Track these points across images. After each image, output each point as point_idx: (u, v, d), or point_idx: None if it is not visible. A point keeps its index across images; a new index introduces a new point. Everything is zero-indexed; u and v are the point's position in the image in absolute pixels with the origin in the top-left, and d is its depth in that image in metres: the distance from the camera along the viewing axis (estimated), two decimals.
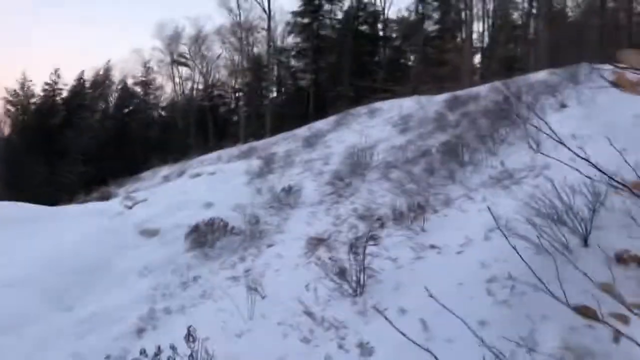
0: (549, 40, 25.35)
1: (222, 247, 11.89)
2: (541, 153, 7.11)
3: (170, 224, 14.69)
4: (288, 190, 14.33)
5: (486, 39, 37.18)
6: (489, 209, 6.43)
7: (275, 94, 50.56)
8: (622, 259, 5.01)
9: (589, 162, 2.78)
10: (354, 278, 5.66)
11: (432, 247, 6.27)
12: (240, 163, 24.93)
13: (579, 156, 2.92)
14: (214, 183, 19.52)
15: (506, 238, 3.34)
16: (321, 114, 36.91)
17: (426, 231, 7.07)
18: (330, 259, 5.86)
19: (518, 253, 3.25)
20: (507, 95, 14.63)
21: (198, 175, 22.11)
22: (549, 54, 24.29)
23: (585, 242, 5.15)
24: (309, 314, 5.79)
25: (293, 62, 47.72)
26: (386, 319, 2.66)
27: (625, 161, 3.28)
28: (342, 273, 5.75)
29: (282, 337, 5.61)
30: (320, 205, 12.82)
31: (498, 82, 16.05)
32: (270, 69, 46.98)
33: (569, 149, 2.80)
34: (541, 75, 15.28)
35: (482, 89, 17.62)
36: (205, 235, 12.24)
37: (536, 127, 8.58)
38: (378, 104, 29.87)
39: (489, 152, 9.49)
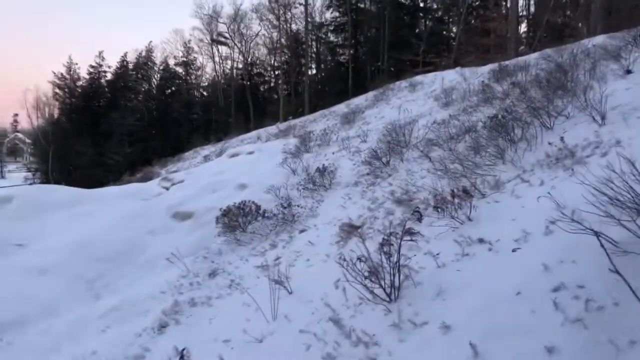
0: (603, 4, 23.25)
1: (254, 232, 11.13)
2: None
3: (203, 206, 14.06)
4: (323, 171, 13.42)
5: (532, 6, 34.91)
6: (550, 195, 5.37)
7: (314, 71, 49.44)
8: None
9: None
10: (387, 282, 4.71)
11: (481, 241, 5.22)
12: (277, 142, 24.20)
13: None
14: (250, 163, 18.83)
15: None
16: (361, 89, 35.71)
17: (473, 221, 6.01)
18: (359, 259, 4.90)
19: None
20: (561, 62, 13.19)
21: (236, 155, 21.47)
22: (604, 19, 22.28)
23: None
24: (336, 321, 4.89)
25: (332, 38, 46.36)
26: None
27: None
28: (373, 274, 4.80)
29: (305, 349, 4.73)
30: (356, 187, 11.86)
31: (549, 49, 14.56)
32: (308, 46, 45.78)
33: None
34: (598, 39, 13.71)
35: (531, 58, 16.12)
36: (236, 219, 11.50)
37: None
38: (419, 78, 28.48)
39: (543, 126, 8.25)
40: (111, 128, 46.90)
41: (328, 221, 10.04)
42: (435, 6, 41.98)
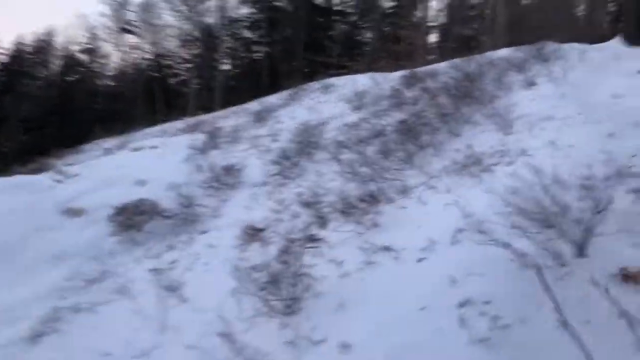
0: (508, 19, 24.35)
1: (151, 232, 10.31)
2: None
3: (97, 202, 12.89)
4: (229, 169, 12.81)
5: (443, 17, 36.09)
6: (456, 202, 5.20)
7: (229, 67, 48.25)
8: (629, 275, 3.82)
9: None
10: (286, 293, 4.28)
11: (387, 249, 4.93)
12: (184, 137, 23.07)
13: None
14: (153, 158, 17.71)
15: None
16: (275, 88, 35.18)
17: (379, 226, 5.75)
18: (253, 268, 4.43)
19: None
20: (469, 72, 13.45)
21: (139, 149, 20.24)
22: (508, 33, 23.31)
23: (581, 252, 3.94)
24: (228, 336, 4.39)
25: (247, 34, 45.45)
26: None
27: None
28: (272, 283, 4.35)
29: None
30: (264, 187, 11.35)
31: (457, 59, 14.85)
32: (222, 40, 44.60)
33: None
34: (503, 52, 14.12)
35: (441, 66, 16.37)
36: (132, 218, 10.62)
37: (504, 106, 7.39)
38: (332, 80, 28.36)
39: (451, 132, 8.21)
40: (4, 113, 43.12)
41: (231, 223, 9.46)
42: (350, 11, 42.31)
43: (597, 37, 19.66)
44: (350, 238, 5.68)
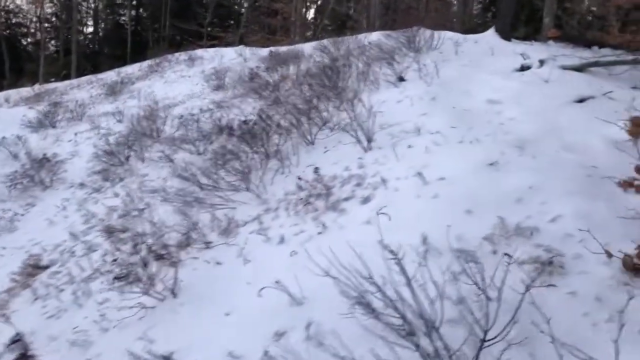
0: (382, 2, 23.19)
1: None
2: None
3: None
4: (45, 162, 10.18)
5: None
6: (297, 252, 3.38)
7: (90, 29, 42.96)
8: None
9: None
10: None
11: (168, 358, 3.02)
12: (23, 109, 19.45)
13: None
14: None
15: None
16: (140, 56, 31.57)
17: (178, 297, 3.82)
18: None
19: None
20: (336, 57, 11.81)
21: None
22: (382, 15, 22.15)
23: None
24: None
25: None
26: None
27: None
28: None
29: None
30: (81, 190, 8.88)
31: (326, 40, 13.16)
32: None
33: None
34: (374, 36, 12.60)
35: (307, 47, 14.57)
36: None
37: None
38: (200, 52, 25.64)
39: (304, 139, 6.41)
40: None
41: (21, 245, 7.01)
42: None
43: (471, 25, 19.17)
44: (129, 321, 3.67)
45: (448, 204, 3.96)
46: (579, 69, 8.41)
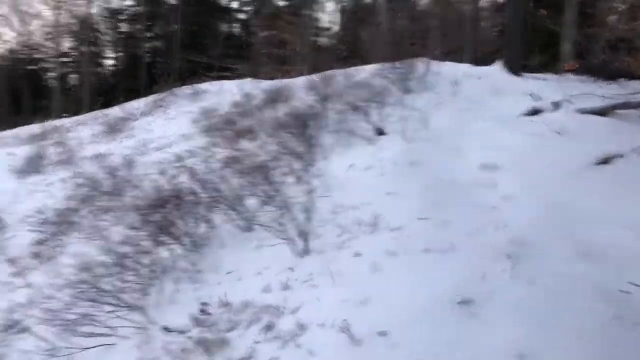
0: (391, 28, 21.71)
1: None
2: None
3: None
4: None
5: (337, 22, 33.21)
6: None
7: (112, 62, 42.74)
8: None
9: None
10: None
11: None
12: (19, 150, 18.59)
13: None
14: None
15: None
16: (153, 91, 30.88)
17: None
18: None
19: None
20: (324, 95, 10.31)
21: None
22: (391, 44, 20.63)
23: None
24: None
25: (127, 28, 40.29)
26: None
27: None
28: None
29: None
30: (22, 261, 7.53)
31: (316, 75, 11.69)
32: (99, 33, 39.24)
33: None
34: (367, 72, 10.99)
35: (299, 82, 13.09)
36: None
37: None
38: (205, 86, 24.55)
39: (230, 234, 4.84)
40: None
41: None
42: (235, 6, 38.35)
43: (483, 53, 17.45)
44: None
45: None
46: (603, 112, 6.66)
